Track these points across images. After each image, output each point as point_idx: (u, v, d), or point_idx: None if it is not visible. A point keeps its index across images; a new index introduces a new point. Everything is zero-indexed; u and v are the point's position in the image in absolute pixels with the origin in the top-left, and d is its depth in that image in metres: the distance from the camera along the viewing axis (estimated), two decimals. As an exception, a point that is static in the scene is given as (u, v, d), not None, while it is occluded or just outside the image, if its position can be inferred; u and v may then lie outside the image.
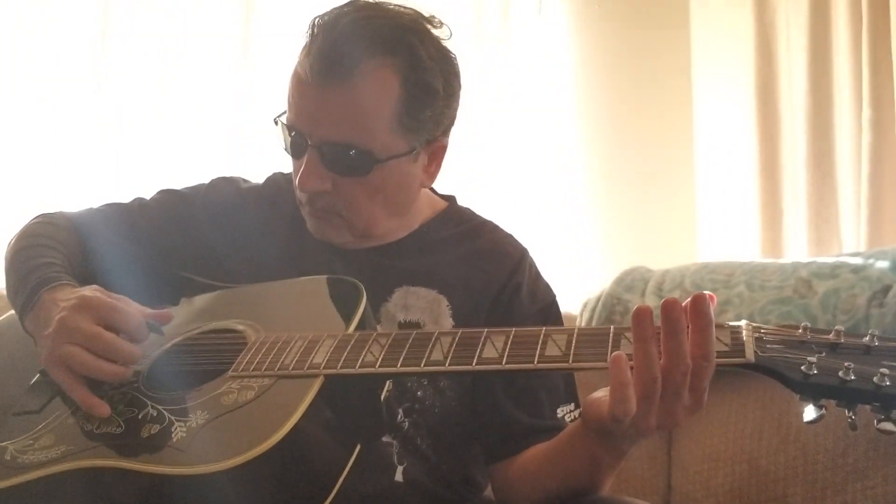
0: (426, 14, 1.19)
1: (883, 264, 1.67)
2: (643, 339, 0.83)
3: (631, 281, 1.99)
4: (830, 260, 1.78)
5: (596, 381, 1.88)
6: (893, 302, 1.59)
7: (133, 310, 1.05)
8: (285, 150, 1.21)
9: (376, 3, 1.18)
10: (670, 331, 0.82)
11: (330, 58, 1.10)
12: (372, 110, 1.12)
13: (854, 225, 2.42)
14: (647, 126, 2.85)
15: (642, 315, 0.82)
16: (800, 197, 2.55)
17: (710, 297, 0.82)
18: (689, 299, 0.83)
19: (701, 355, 0.82)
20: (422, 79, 1.14)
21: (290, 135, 1.17)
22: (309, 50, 1.13)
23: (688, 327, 0.83)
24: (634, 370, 0.83)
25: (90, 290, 1.05)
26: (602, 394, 0.90)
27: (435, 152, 1.23)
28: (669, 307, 0.82)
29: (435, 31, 1.19)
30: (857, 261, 1.72)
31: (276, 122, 1.20)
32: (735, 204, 2.75)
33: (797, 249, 2.55)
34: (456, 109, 1.23)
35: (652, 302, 1.90)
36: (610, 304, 1.96)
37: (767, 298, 1.74)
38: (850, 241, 2.44)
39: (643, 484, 1.85)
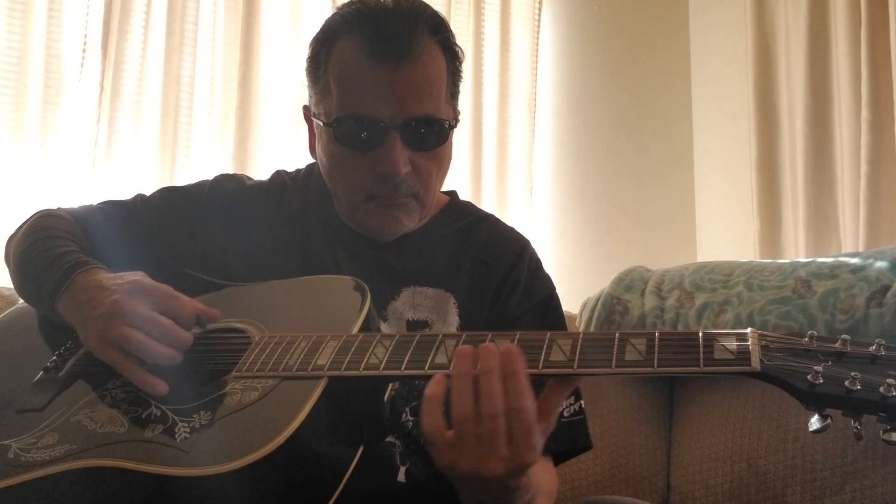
0: None
1: (882, 264, 1.67)
2: (457, 374, 0.87)
3: (630, 281, 1.99)
4: (829, 260, 1.78)
5: (596, 378, 1.90)
6: (892, 302, 1.59)
7: (186, 300, 1.07)
8: (353, 146, 1.17)
9: None
10: (478, 373, 0.86)
11: (399, 36, 1.13)
12: (438, 82, 1.17)
13: (853, 225, 2.43)
14: (647, 126, 2.86)
15: (461, 353, 0.88)
16: (798, 197, 2.56)
17: (518, 353, 0.86)
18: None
19: (512, 409, 0.85)
20: (455, 52, 1.21)
21: (359, 126, 1.15)
22: (374, 34, 1.13)
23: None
24: (451, 403, 0.87)
25: (140, 276, 1.07)
26: None
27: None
28: (474, 353, 0.87)
29: None
30: (856, 261, 1.72)
31: (332, 125, 1.17)
32: (734, 204, 2.76)
33: (796, 249, 2.56)
34: None
35: (651, 302, 1.91)
36: (609, 304, 1.96)
37: (766, 298, 1.75)
38: (849, 241, 2.45)
39: (642, 483, 1.85)
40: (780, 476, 1.66)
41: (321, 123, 1.20)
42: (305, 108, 1.28)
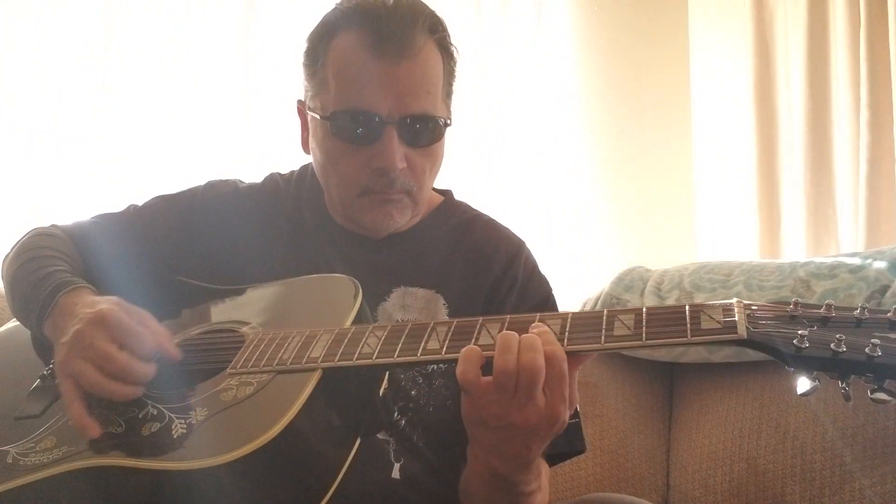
0: None
1: (880, 264, 1.67)
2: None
3: (630, 280, 2.00)
4: (828, 260, 1.78)
5: (595, 378, 1.90)
6: (891, 302, 1.60)
7: (149, 334, 1.03)
8: (349, 141, 1.17)
9: None
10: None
11: (399, 33, 1.14)
12: (435, 80, 1.18)
13: (852, 225, 2.43)
14: (647, 126, 2.86)
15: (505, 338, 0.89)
16: (798, 197, 2.56)
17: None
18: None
19: (549, 355, 0.87)
20: (451, 51, 1.22)
21: (356, 120, 1.16)
22: (375, 30, 1.14)
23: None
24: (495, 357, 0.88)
25: (109, 304, 1.04)
26: None
27: None
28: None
29: None
30: (855, 261, 1.72)
31: (329, 118, 1.17)
32: (733, 204, 2.76)
33: (795, 249, 2.56)
34: None
35: (651, 301, 1.91)
36: (609, 304, 1.97)
37: (766, 298, 1.75)
38: (848, 242, 2.45)
39: (642, 483, 1.85)
40: (780, 476, 1.66)
41: (317, 117, 1.20)
42: (300, 102, 1.28)
